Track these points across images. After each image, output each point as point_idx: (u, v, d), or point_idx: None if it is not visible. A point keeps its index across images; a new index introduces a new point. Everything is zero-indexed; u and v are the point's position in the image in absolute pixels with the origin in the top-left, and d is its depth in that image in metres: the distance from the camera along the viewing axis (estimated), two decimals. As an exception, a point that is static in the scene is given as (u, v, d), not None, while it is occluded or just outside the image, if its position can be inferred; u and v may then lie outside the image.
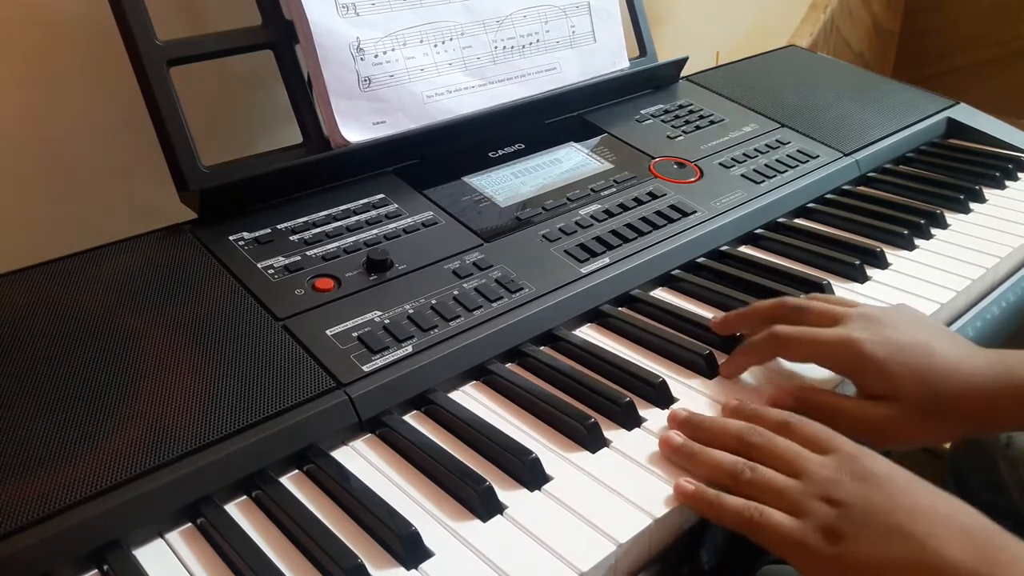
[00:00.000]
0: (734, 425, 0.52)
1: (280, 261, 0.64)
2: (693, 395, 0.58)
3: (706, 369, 0.60)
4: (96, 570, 0.45)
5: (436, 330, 0.60)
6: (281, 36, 0.73)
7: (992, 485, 0.75)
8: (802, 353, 0.57)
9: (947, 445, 0.86)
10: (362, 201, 0.72)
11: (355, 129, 0.74)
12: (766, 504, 0.46)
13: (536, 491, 0.50)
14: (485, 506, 0.48)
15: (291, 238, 0.66)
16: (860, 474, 0.46)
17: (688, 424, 0.53)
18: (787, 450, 0.49)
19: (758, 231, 0.80)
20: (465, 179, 0.77)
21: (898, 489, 0.44)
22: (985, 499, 0.75)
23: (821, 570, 0.44)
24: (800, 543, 0.44)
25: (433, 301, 0.62)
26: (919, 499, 0.44)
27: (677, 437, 0.52)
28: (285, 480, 0.51)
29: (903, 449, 0.50)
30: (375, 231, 0.69)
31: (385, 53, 0.76)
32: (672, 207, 0.77)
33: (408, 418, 0.56)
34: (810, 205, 0.85)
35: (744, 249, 0.79)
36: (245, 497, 0.50)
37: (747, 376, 0.60)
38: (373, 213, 0.71)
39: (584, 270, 0.68)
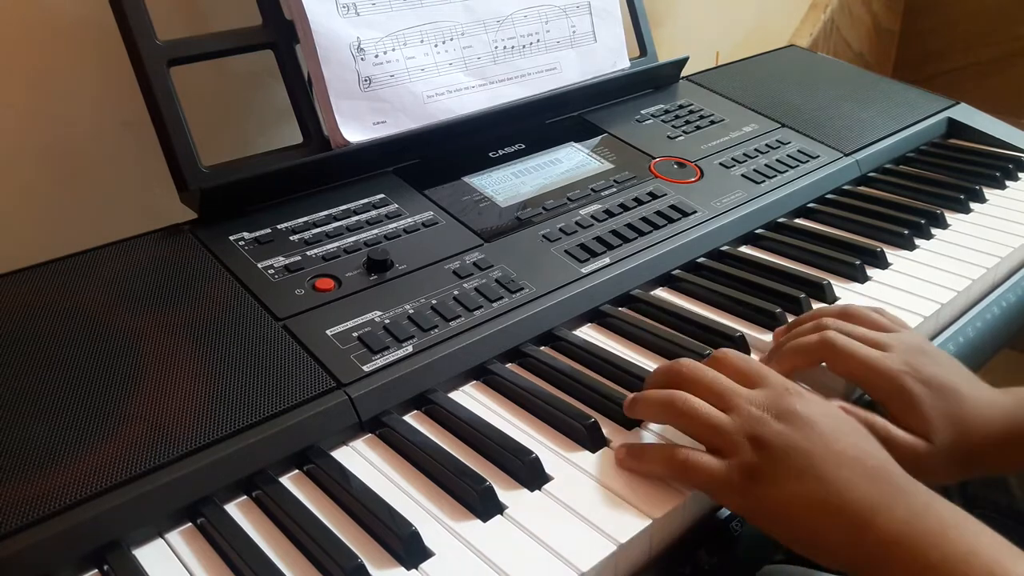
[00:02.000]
0: (663, 367, 0.54)
1: (280, 261, 0.64)
2: (693, 395, 0.58)
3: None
4: (96, 570, 0.45)
5: (436, 330, 0.60)
6: (281, 36, 0.73)
7: (994, 483, 0.75)
8: (848, 370, 0.56)
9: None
10: (362, 201, 0.72)
11: (355, 129, 0.74)
12: (697, 436, 0.49)
13: (536, 491, 0.50)
14: (485, 506, 0.48)
15: (291, 238, 0.66)
16: (785, 414, 0.48)
17: (632, 404, 0.55)
18: (715, 382, 0.51)
19: (758, 231, 0.80)
20: (465, 179, 0.77)
21: (816, 432, 0.47)
22: (987, 497, 0.75)
23: (740, 505, 0.47)
24: (724, 482, 0.47)
25: (433, 301, 0.62)
26: (833, 443, 0.47)
27: (628, 395, 0.54)
28: (285, 480, 0.51)
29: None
30: (375, 231, 0.69)
31: (385, 53, 0.76)
32: (672, 207, 0.77)
33: (408, 418, 0.56)
34: (810, 205, 0.85)
35: (744, 249, 0.79)
36: (245, 497, 0.50)
37: None
38: (373, 213, 0.71)
39: (584, 270, 0.68)
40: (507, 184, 0.77)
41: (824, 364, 0.57)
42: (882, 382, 0.54)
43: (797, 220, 0.84)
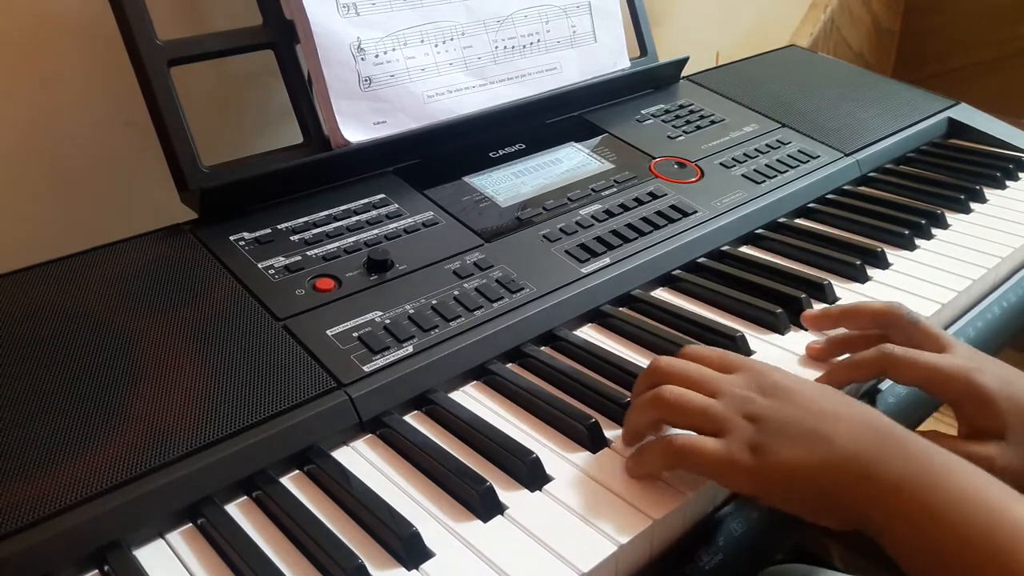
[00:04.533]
0: (643, 371, 0.54)
1: (280, 261, 0.64)
2: (694, 395, 0.58)
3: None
4: (96, 570, 0.45)
5: (437, 330, 0.60)
6: (281, 36, 0.73)
7: None
8: (914, 378, 0.55)
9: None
10: (363, 201, 0.72)
11: (356, 129, 0.74)
12: (692, 426, 0.49)
13: (537, 491, 0.50)
14: (486, 506, 0.48)
15: (291, 238, 0.66)
16: (770, 389, 0.49)
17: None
18: (698, 372, 0.51)
19: (759, 231, 0.80)
20: (466, 179, 0.77)
21: (806, 399, 0.48)
22: None
23: (748, 482, 0.47)
24: (728, 462, 0.47)
25: (434, 301, 0.62)
26: (825, 404, 0.48)
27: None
28: (285, 480, 0.51)
29: None
30: (376, 231, 0.69)
31: (386, 53, 0.76)
32: (673, 207, 0.77)
33: (409, 418, 0.56)
34: (811, 205, 0.85)
35: (745, 249, 0.79)
36: (245, 497, 0.50)
37: None
38: (374, 213, 0.71)
39: (585, 270, 0.68)
40: (507, 184, 0.77)
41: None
42: (953, 383, 0.54)
43: (797, 220, 0.84)
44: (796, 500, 0.46)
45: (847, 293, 0.71)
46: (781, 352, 0.63)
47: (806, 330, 0.65)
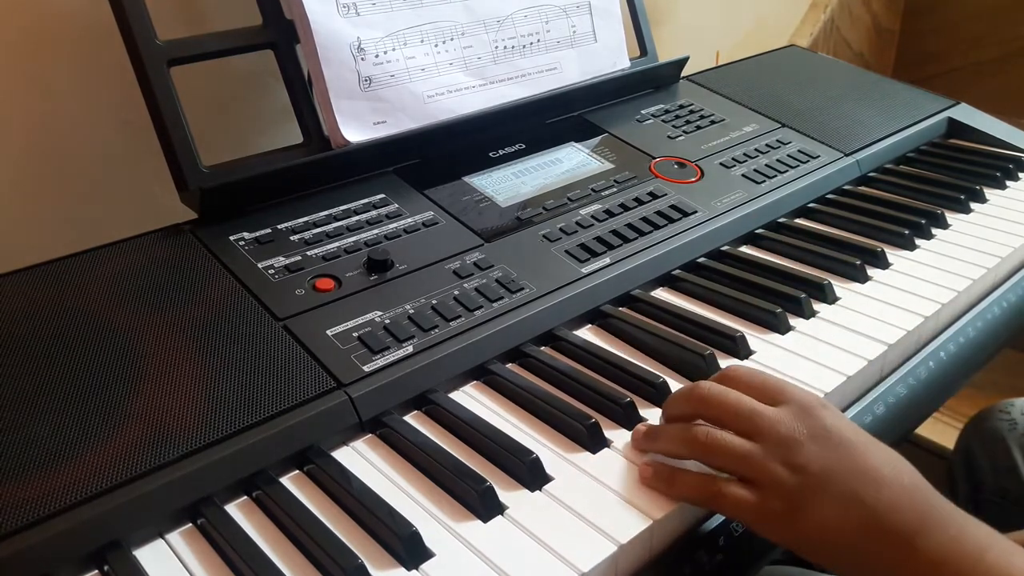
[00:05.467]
0: (681, 392, 0.53)
1: (280, 261, 0.64)
2: (694, 395, 0.58)
3: (707, 370, 0.60)
4: (96, 570, 0.45)
5: (437, 330, 0.60)
6: (281, 36, 0.73)
7: (1004, 470, 0.75)
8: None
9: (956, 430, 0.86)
10: (363, 201, 0.72)
11: (355, 129, 0.74)
12: (726, 468, 0.48)
13: (537, 491, 0.50)
14: (485, 506, 0.48)
15: (291, 238, 0.66)
16: (817, 433, 0.47)
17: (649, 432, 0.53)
18: (740, 404, 0.49)
19: (759, 231, 0.80)
20: (466, 179, 0.77)
21: (850, 451, 0.46)
22: (996, 484, 0.75)
23: (784, 537, 0.46)
24: (764, 513, 0.45)
25: (434, 301, 0.62)
26: (869, 459, 0.46)
27: (641, 426, 0.53)
28: (285, 480, 0.51)
29: None
30: (376, 231, 0.69)
31: (386, 53, 0.76)
32: (673, 207, 0.77)
33: (409, 418, 0.56)
34: (811, 205, 0.85)
35: (745, 249, 0.78)
36: (245, 497, 0.50)
37: None
38: (373, 213, 0.71)
39: (585, 270, 0.68)
40: (507, 184, 0.77)
41: None
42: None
43: (797, 220, 0.83)
44: (831, 559, 0.45)
45: (847, 293, 0.71)
46: (781, 352, 0.63)
47: (806, 331, 0.65)
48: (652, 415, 0.56)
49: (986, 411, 0.82)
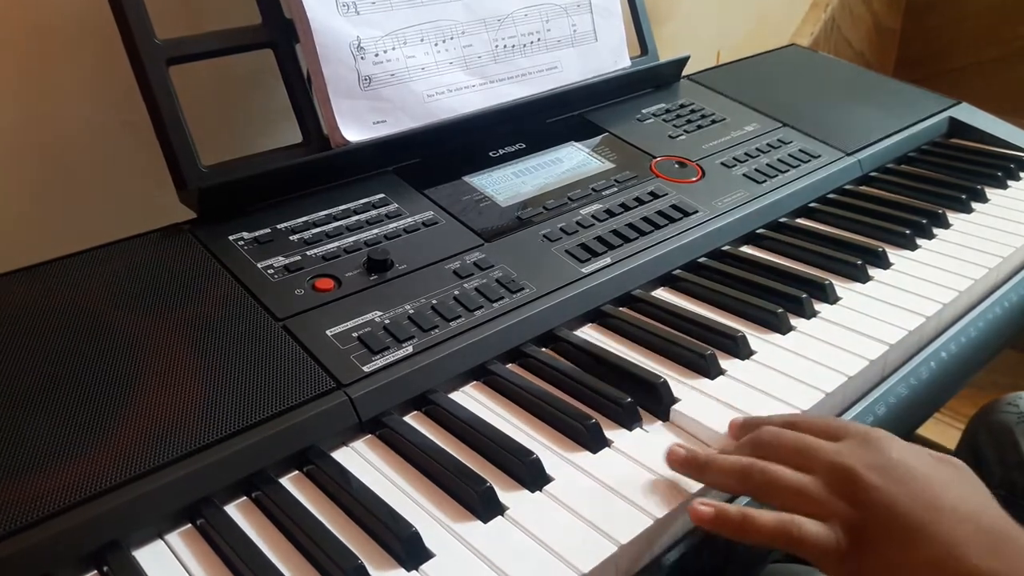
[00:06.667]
0: (742, 430, 0.51)
1: (280, 261, 0.64)
2: (695, 395, 0.58)
3: (708, 369, 0.60)
4: (96, 571, 0.45)
5: (437, 330, 0.60)
6: (281, 35, 0.73)
7: (1011, 463, 0.75)
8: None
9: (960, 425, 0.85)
10: (362, 201, 0.72)
11: (355, 128, 0.74)
12: (784, 507, 0.45)
13: (537, 492, 0.50)
14: (485, 507, 0.48)
15: (291, 238, 0.66)
16: (879, 464, 0.44)
17: (694, 462, 0.51)
18: (797, 440, 0.47)
19: (760, 231, 0.79)
20: (466, 179, 0.77)
21: (918, 483, 0.43)
22: (1003, 476, 0.74)
23: (846, 571, 0.43)
24: (831, 550, 0.43)
25: (434, 301, 0.62)
26: (939, 494, 0.43)
27: (680, 449, 0.51)
28: (285, 481, 0.51)
29: None
30: (375, 231, 0.69)
31: (385, 52, 0.76)
32: (673, 207, 0.77)
33: (408, 419, 0.56)
34: (812, 205, 0.85)
35: (746, 249, 0.78)
36: (245, 498, 0.50)
37: (749, 388, 0.60)
38: (373, 213, 0.71)
39: (585, 270, 0.68)
40: (507, 184, 0.77)
41: None
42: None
43: (799, 220, 0.83)
44: None
45: (848, 293, 0.71)
46: (782, 352, 0.63)
47: (807, 331, 0.65)
48: (652, 415, 0.56)
49: (993, 404, 0.81)
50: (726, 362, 0.61)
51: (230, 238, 0.65)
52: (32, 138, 0.75)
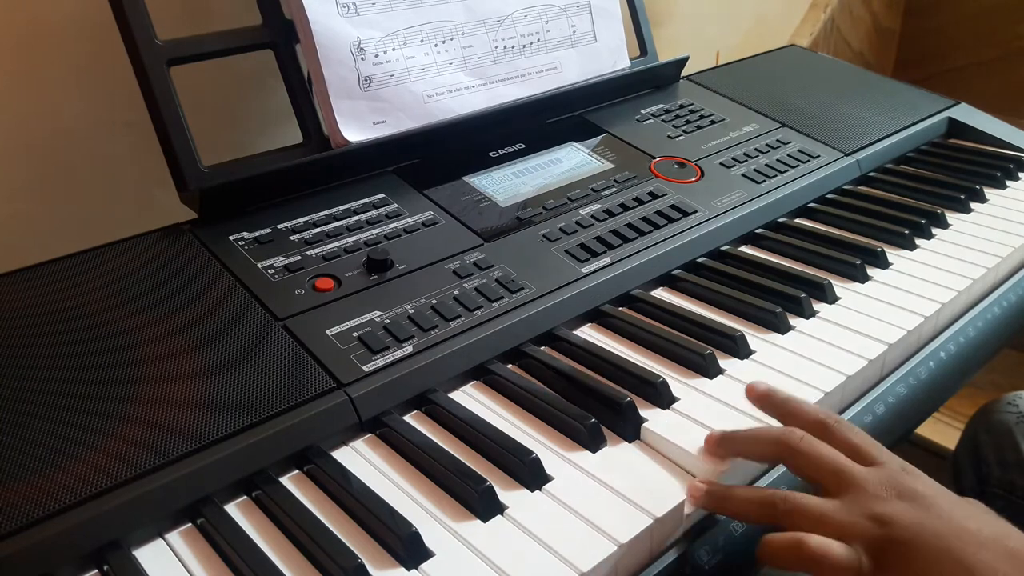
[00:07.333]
0: (771, 431, 0.50)
1: (280, 261, 0.64)
2: (694, 395, 0.58)
3: (707, 369, 0.60)
4: (96, 570, 0.45)
5: (436, 330, 0.60)
6: (281, 36, 0.73)
7: (1011, 463, 0.74)
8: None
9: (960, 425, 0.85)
10: (362, 201, 0.72)
11: (355, 129, 0.74)
12: (807, 529, 0.45)
13: (536, 491, 0.50)
14: (485, 506, 0.48)
15: (291, 238, 0.66)
16: (908, 493, 0.45)
17: (723, 443, 0.51)
18: (832, 461, 0.47)
19: (759, 231, 0.80)
20: (465, 179, 0.77)
21: (944, 511, 0.44)
22: (1003, 476, 0.74)
23: None
24: (853, 571, 0.43)
25: (433, 301, 0.62)
26: (967, 521, 0.43)
27: (699, 482, 0.50)
28: (285, 480, 0.51)
29: None
30: (375, 231, 0.69)
31: (385, 53, 0.76)
32: (673, 207, 0.77)
33: (408, 418, 0.56)
34: (811, 205, 0.85)
35: (745, 249, 0.78)
36: (245, 497, 0.50)
37: (749, 377, 0.60)
38: (373, 213, 0.71)
39: (585, 270, 0.68)
40: (507, 184, 0.77)
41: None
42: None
43: (798, 220, 0.83)
44: None
45: (847, 293, 0.71)
46: (781, 352, 0.63)
47: (806, 331, 0.65)
48: (652, 414, 0.56)
49: (993, 404, 0.81)
50: (725, 362, 0.61)
51: (231, 238, 0.65)
52: (33, 139, 0.75)
